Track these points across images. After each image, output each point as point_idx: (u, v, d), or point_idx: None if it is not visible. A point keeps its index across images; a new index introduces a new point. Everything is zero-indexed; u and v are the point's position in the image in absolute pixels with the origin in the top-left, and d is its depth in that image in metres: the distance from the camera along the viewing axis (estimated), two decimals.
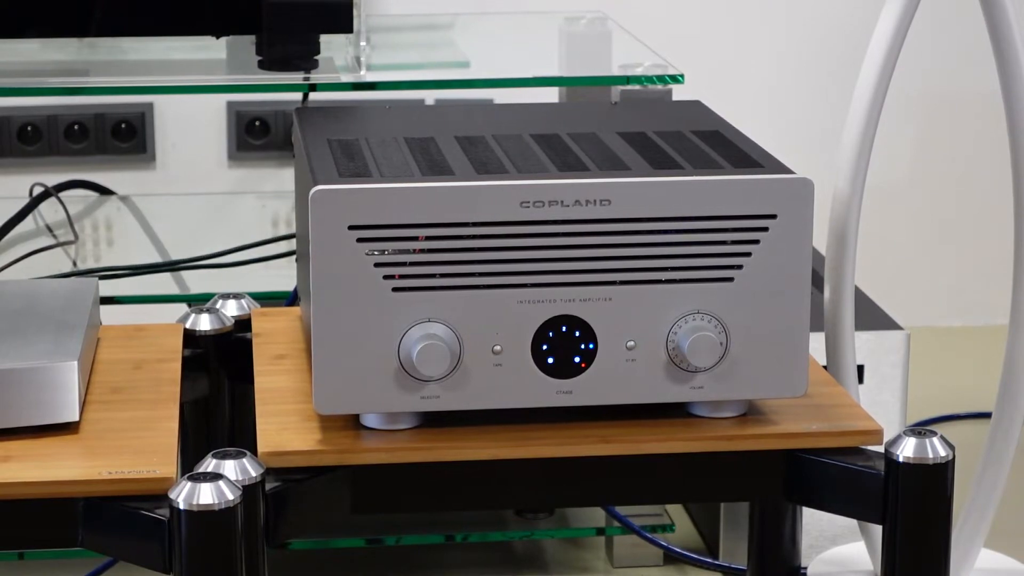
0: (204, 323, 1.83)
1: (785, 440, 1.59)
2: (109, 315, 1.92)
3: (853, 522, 2.12)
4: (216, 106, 2.83)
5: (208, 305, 1.86)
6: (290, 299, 2.09)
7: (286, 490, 1.54)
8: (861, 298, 2.19)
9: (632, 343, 1.57)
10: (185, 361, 1.78)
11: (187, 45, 2.18)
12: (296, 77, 2.05)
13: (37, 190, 2.45)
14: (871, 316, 2.19)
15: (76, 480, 1.48)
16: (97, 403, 1.64)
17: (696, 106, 1.88)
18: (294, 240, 2.30)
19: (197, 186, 2.81)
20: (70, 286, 1.77)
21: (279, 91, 2.07)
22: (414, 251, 1.53)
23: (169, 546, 1.45)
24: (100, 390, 1.68)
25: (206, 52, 2.16)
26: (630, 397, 1.58)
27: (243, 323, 1.86)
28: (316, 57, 2.05)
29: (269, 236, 2.36)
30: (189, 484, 1.44)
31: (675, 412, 1.61)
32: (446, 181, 1.54)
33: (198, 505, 1.43)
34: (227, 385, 1.84)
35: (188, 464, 1.60)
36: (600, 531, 2.23)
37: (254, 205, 2.60)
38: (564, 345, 1.56)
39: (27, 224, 2.38)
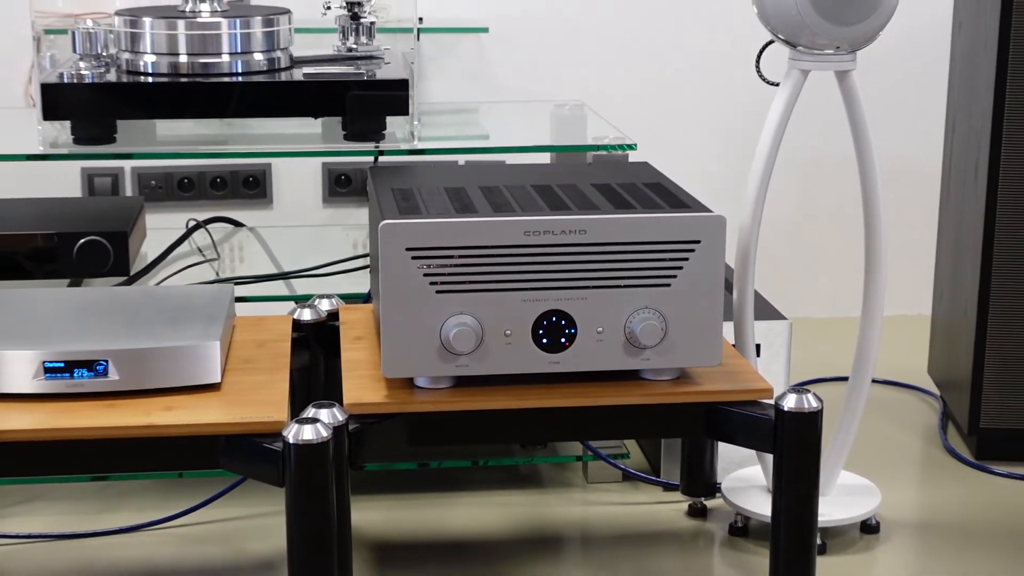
0: (307, 315, 1.83)
1: (706, 396, 1.60)
2: (241, 309, 1.92)
3: (753, 452, 2.12)
4: (314, 165, 2.83)
5: (309, 303, 1.86)
6: (365, 298, 2.09)
7: (363, 430, 1.55)
8: (758, 297, 2.19)
9: (601, 329, 1.57)
10: (294, 341, 1.78)
11: (294, 123, 2.18)
12: (369, 146, 2.05)
13: (191, 223, 2.46)
14: (765, 310, 2.20)
15: (218, 423, 1.49)
16: (233, 370, 1.65)
17: (645, 166, 1.88)
18: (368, 257, 2.31)
19: (301, 221, 2.81)
20: (214, 289, 1.78)
21: (358, 155, 2.06)
22: (451, 265, 1.54)
23: (282, 468, 1.46)
24: (235, 361, 1.68)
25: (308, 128, 2.17)
26: (600, 366, 1.58)
27: (333, 315, 1.86)
28: (383, 132, 2.06)
29: (351, 255, 2.36)
30: (296, 426, 1.45)
31: (630, 376, 1.61)
32: (473, 217, 1.54)
33: (302, 440, 1.44)
34: (322, 358, 1.84)
35: (295, 412, 1.60)
36: (579, 458, 2.23)
37: (341, 234, 2.60)
38: (554, 330, 1.57)
39: (184, 247, 2.38)
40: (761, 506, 2.00)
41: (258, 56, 2.05)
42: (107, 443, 1.48)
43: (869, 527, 2.04)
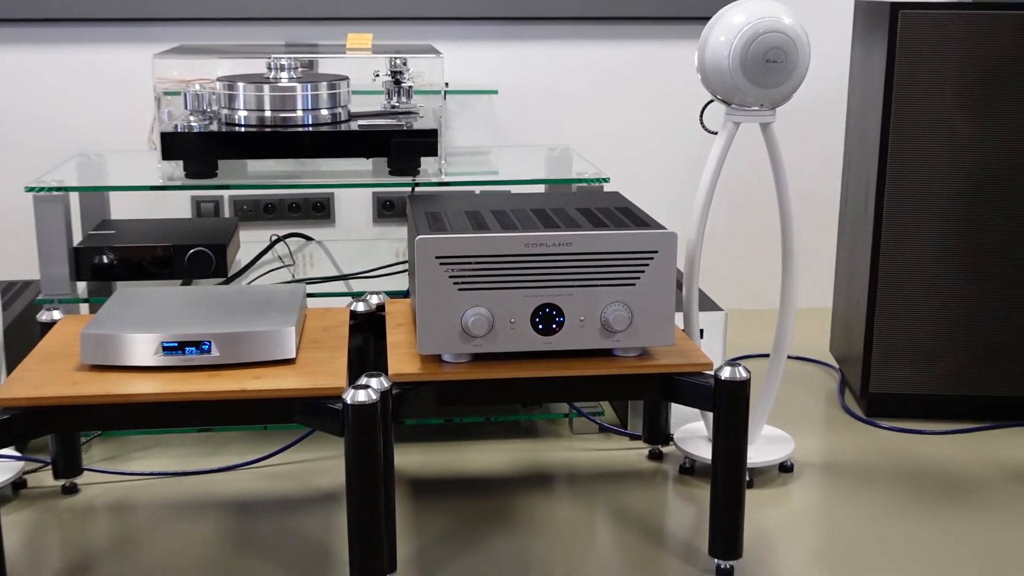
0: (361, 307, 1.83)
1: (663, 368, 1.60)
2: (311, 303, 1.92)
3: (698, 410, 2.12)
4: (366, 194, 2.83)
5: (362, 298, 1.86)
6: (405, 294, 2.09)
7: (403, 394, 1.54)
8: (701, 294, 2.19)
9: (583, 318, 1.57)
10: (351, 327, 1.79)
11: (351, 162, 2.18)
12: (408, 179, 2.05)
13: (273, 238, 2.46)
14: (707, 303, 2.19)
15: (294, 388, 1.49)
16: (305, 348, 1.65)
17: (616, 194, 1.88)
18: (407, 263, 2.31)
19: (357, 236, 2.81)
20: (290, 288, 1.78)
21: (399, 187, 2.06)
22: (470, 269, 1.54)
23: (342, 423, 1.46)
24: (306, 341, 1.68)
25: (361, 166, 2.17)
26: (582, 346, 1.58)
27: (381, 307, 1.86)
28: (418, 169, 2.06)
29: (394, 261, 2.36)
30: (353, 390, 1.45)
31: (605, 354, 1.61)
32: (486, 233, 1.54)
33: (357, 402, 1.44)
34: (372, 339, 1.84)
35: (352, 380, 1.60)
36: (566, 415, 2.22)
37: (386, 246, 2.59)
38: (547, 319, 1.57)
39: (268, 256, 2.38)
40: (704, 451, 2.00)
41: (324, 112, 2.05)
42: (210, 404, 1.48)
43: (785, 468, 2.04)
